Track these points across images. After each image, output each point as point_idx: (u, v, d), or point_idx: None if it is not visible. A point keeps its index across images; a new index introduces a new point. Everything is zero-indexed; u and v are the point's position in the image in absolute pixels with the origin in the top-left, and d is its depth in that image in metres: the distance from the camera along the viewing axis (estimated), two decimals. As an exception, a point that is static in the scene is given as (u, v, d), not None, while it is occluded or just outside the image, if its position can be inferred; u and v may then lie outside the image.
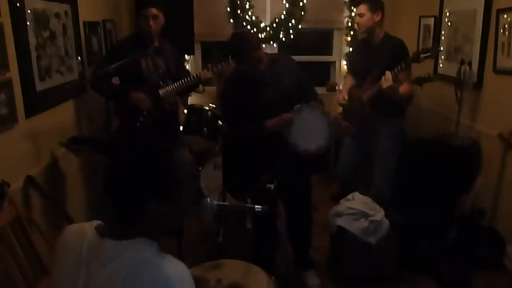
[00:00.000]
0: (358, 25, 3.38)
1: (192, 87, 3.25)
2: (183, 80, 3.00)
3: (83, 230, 1.14)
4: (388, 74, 2.94)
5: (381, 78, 3.02)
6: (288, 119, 2.45)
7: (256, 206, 1.64)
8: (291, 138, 2.45)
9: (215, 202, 1.52)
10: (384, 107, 3.19)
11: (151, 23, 2.88)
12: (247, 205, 1.75)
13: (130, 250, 1.05)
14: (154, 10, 2.88)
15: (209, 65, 3.11)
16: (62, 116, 2.87)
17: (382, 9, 3.26)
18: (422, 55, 3.02)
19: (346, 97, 3.40)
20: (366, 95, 3.22)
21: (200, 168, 3.65)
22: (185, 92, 3.72)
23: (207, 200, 1.51)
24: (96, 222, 1.16)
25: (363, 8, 3.24)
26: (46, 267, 2.11)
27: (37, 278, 2.06)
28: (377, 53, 3.25)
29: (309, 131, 2.43)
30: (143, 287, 1.01)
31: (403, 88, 3.11)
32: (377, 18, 3.22)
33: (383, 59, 3.15)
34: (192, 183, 1.17)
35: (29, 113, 2.37)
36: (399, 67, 3.00)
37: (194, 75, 3.05)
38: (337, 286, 2.85)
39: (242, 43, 2.41)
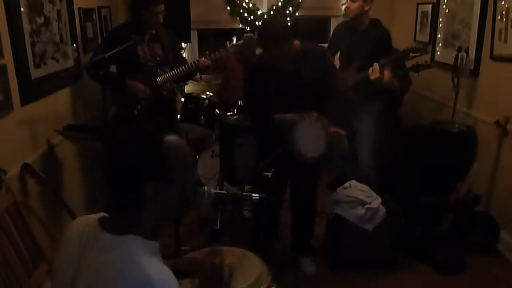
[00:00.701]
0: (347, 9, 3.37)
1: (189, 75, 3.23)
2: (180, 68, 2.98)
3: (88, 220, 1.17)
4: (376, 66, 3.04)
5: (366, 66, 3.11)
6: (291, 119, 2.46)
7: (253, 195, 1.64)
8: (291, 138, 2.45)
9: (213, 191, 1.52)
10: (368, 92, 3.25)
11: (160, 18, 2.88)
12: (244, 193, 1.75)
13: (124, 245, 1.07)
14: (162, 6, 2.87)
15: (207, 52, 3.09)
16: (58, 104, 2.85)
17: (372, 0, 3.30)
18: (412, 54, 3.15)
19: None
20: (351, 81, 3.27)
21: (197, 156, 3.65)
22: (182, 80, 3.69)
23: (204, 188, 1.50)
24: (102, 214, 1.18)
25: None
26: (44, 254, 2.12)
27: (35, 264, 2.07)
28: (362, 39, 3.29)
29: (308, 139, 2.44)
30: (126, 284, 1.02)
31: (386, 75, 3.17)
32: (367, 7, 3.27)
33: (368, 47, 3.21)
34: (187, 168, 1.17)
35: (24, 101, 2.35)
36: (387, 61, 3.09)
37: (192, 62, 3.04)
38: (333, 273, 2.88)
39: (267, 33, 2.42)
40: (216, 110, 3.58)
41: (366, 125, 3.43)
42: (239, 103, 3.65)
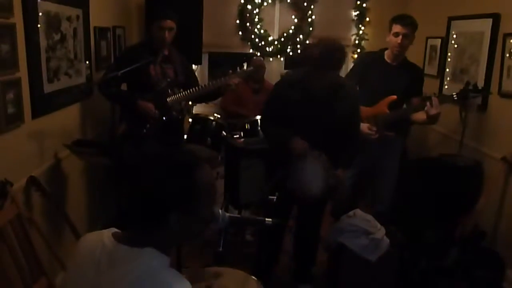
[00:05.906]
0: (397, 45, 3.02)
1: (214, 94, 3.15)
2: (194, 88, 2.99)
3: (101, 237, 1.16)
4: (436, 101, 2.83)
5: (400, 103, 3.02)
6: (303, 148, 2.42)
7: (266, 219, 1.63)
8: (294, 169, 2.45)
9: (227, 214, 1.48)
10: (396, 128, 3.11)
11: (166, 34, 2.91)
12: (257, 217, 1.72)
13: (141, 257, 1.07)
14: (170, 23, 2.91)
15: (230, 71, 3.05)
16: (68, 119, 2.88)
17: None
18: (471, 94, 2.97)
19: (374, 128, 3.08)
20: (386, 117, 3.06)
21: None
22: (205, 100, 3.66)
23: (219, 212, 1.45)
24: (113, 229, 1.18)
25: (411, 30, 3.00)
26: (44, 268, 2.10)
27: (34, 279, 2.05)
28: (395, 75, 3.09)
29: (308, 175, 2.44)
30: None
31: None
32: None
33: (403, 83, 3.04)
34: (212, 198, 1.17)
35: (35, 114, 2.38)
36: (448, 98, 3.01)
37: (218, 80, 2.99)
38: (334, 302, 2.83)
39: (328, 55, 2.36)
40: (223, 132, 3.60)
41: (391, 161, 3.34)
42: (247, 127, 3.66)
